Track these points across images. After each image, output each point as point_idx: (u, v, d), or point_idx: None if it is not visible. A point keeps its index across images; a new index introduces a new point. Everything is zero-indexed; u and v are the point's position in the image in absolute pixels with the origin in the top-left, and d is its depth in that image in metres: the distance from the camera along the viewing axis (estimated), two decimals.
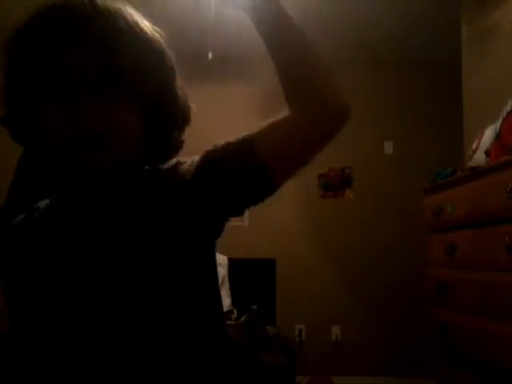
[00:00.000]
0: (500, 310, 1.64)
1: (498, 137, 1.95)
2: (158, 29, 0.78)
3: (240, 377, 0.82)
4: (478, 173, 1.86)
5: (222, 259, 3.55)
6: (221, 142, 0.75)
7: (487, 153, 1.98)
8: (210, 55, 3.26)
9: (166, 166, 0.76)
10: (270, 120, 0.77)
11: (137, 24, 0.72)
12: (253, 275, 3.64)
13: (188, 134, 0.84)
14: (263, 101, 4.11)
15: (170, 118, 0.77)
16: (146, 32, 0.73)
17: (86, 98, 0.66)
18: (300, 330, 3.85)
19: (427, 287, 2.23)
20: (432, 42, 3.72)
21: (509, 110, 1.94)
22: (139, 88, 0.69)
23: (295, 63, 0.75)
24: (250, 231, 3.90)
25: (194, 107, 0.81)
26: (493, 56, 2.53)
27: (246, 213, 3.52)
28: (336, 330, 3.88)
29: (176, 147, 0.80)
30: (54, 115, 0.66)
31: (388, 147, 4.08)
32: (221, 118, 3.90)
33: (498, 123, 1.98)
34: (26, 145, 0.75)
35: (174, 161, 0.77)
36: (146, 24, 0.75)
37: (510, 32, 2.39)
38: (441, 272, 2.11)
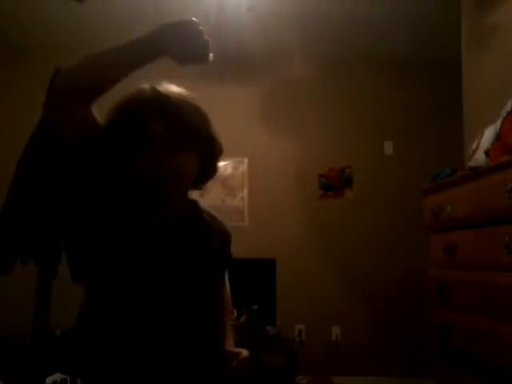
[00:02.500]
0: (500, 309, 1.64)
1: (498, 137, 1.95)
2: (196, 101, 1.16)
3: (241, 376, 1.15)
4: (478, 173, 1.85)
5: None
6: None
7: (487, 153, 1.98)
8: (211, 56, 3.26)
9: (208, 211, 1.28)
10: None
11: (187, 100, 1.12)
12: (253, 275, 3.64)
13: None
14: (262, 100, 4.12)
15: (215, 158, 1.20)
16: (194, 104, 1.14)
17: (163, 147, 1.05)
18: (300, 330, 3.85)
19: (427, 287, 2.23)
20: (432, 41, 3.72)
21: (509, 110, 1.94)
22: (194, 143, 1.10)
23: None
24: (250, 231, 3.90)
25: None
26: (493, 56, 2.53)
27: (246, 213, 3.54)
28: (336, 330, 3.88)
29: (213, 174, 1.24)
30: (143, 157, 1.06)
31: (388, 147, 4.09)
32: (220, 116, 3.89)
33: (498, 123, 1.98)
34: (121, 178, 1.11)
35: (210, 210, 1.29)
36: (191, 96, 1.15)
37: (510, 32, 2.38)
38: (441, 272, 2.11)
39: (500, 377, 1.64)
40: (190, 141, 1.08)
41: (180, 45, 1.04)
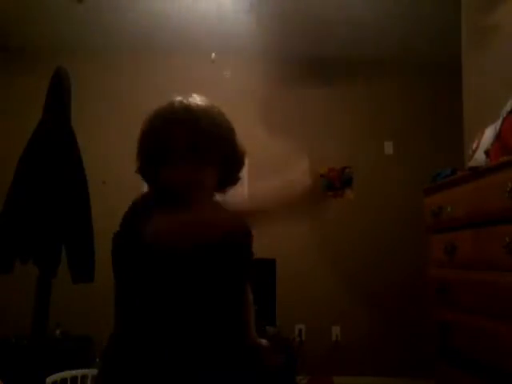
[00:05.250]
0: (500, 309, 1.64)
1: (498, 137, 1.95)
2: (223, 113, 1.20)
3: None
4: (478, 173, 1.85)
5: None
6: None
7: (487, 153, 1.98)
8: (213, 55, 3.26)
9: (230, 211, 1.23)
10: None
11: (212, 114, 1.15)
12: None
13: None
14: (262, 100, 4.12)
15: (234, 168, 1.25)
16: (219, 119, 1.17)
17: (184, 160, 1.11)
18: (300, 330, 3.85)
19: (427, 287, 2.23)
20: (432, 42, 3.72)
21: (509, 110, 1.94)
22: (215, 155, 1.15)
23: None
24: None
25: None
26: (493, 56, 2.53)
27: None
28: (336, 330, 3.88)
29: (235, 182, 1.28)
30: (166, 170, 1.12)
31: (388, 147, 4.09)
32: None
33: (498, 123, 1.98)
34: (150, 183, 1.21)
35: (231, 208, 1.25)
36: (217, 111, 1.18)
37: (510, 32, 2.38)
38: (441, 272, 2.11)
39: (500, 377, 1.64)
40: (211, 154, 1.14)
41: None
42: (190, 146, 1.11)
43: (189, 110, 1.14)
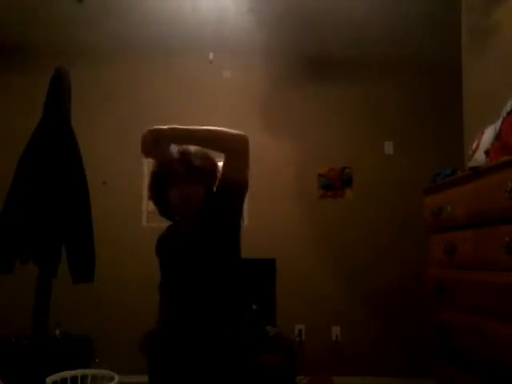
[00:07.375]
0: (500, 309, 1.64)
1: (498, 137, 1.95)
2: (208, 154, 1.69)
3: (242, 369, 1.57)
4: (478, 173, 1.85)
5: None
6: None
7: (487, 153, 1.98)
8: (211, 55, 3.27)
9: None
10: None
11: (200, 153, 1.67)
12: (253, 275, 3.64)
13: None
14: (262, 100, 4.12)
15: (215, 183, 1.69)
16: (204, 154, 1.68)
17: (182, 183, 1.62)
18: (300, 330, 3.85)
19: (427, 287, 2.23)
20: (432, 42, 3.72)
21: (509, 110, 1.94)
22: (203, 178, 1.66)
23: (207, 144, 1.60)
24: (250, 231, 3.89)
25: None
26: (493, 56, 2.53)
27: (245, 213, 3.54)
28: (336, 330, 3.88)
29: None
30: (173, 189, 1.64)
31: (388, 147, 4.09)
32: (220, 116, 3.89)
33: (498, 123, 1.98)
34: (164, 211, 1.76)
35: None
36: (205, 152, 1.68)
37: (510, 32, 2.38)
38: (441, 272, 2.11)
39: (500, 377, 1.64)
40: (198, 178, 1.64)
41: None
42: (186, 174, 1.61)
43: (186, 152, 1.65)
